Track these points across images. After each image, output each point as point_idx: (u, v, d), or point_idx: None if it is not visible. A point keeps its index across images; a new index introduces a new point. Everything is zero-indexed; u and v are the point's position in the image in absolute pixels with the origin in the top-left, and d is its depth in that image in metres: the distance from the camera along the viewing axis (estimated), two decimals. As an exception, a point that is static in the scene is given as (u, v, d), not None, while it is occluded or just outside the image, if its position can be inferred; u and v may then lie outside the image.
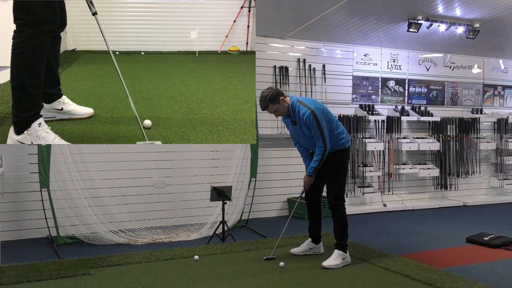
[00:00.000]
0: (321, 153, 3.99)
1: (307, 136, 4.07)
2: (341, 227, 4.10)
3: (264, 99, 3.95)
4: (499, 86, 8.35)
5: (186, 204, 5.73)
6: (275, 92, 3.96)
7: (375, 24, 6.31)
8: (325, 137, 3.95)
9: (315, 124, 3.91)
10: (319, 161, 4.02)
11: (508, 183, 8.00)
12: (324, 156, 4.00)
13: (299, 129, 4.08)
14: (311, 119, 3.90)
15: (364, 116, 6.93)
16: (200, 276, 3.75)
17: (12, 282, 3.51)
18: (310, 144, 4.15)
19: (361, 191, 6.86)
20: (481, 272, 4.05)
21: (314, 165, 4.04)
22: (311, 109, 3.92)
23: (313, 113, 3.91)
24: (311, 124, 3.93)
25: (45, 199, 4.76)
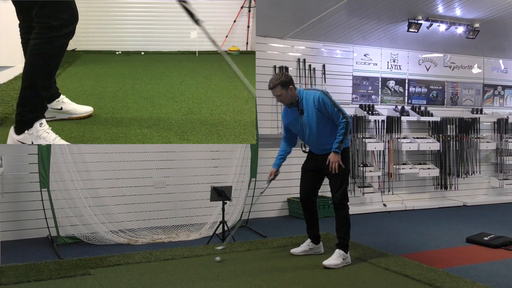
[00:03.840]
0: (344, 127, 3.93)
1: (313, 126, 4.01)
2: (344, 226, 4.08)
3: (275, 80, 3.99)
4: (499, 86, 8.35)
5: (186, 204, 5.73)
6: (288, 78, 4.02)
7: (375, 24, 6.31)
8: (342, 110, 3.94)
9: (329, 102, 3.93)
10: (343, 135, 3.94)
11: (508, 183, 8.00)
12: (348, 129, 3.95)
13: (306, 118, 4.03)
14: (325, 99, 3.94)
15: (364, 116, 6.93)
16: (200, 276, 3.75)
17: (12, 282, 3.51)
18: (312, 137, 4.07)
19: (361, 191, 6.86)
20: (481, 272, 4.05)
21: (338, 139, 3.95)
22: (320, 90, 4.00)
23: (324, 93, 3.98)
24: (325, 103, 3.93)
25: (45, 199, 4.76)
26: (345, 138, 3.96)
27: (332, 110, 3.94)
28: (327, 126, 4.04)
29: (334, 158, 3.99)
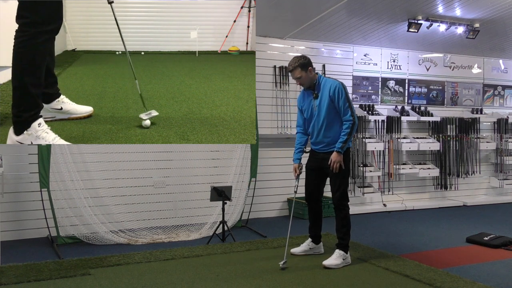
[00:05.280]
0: (349, 126, 3.94)
1: (321, 114, 4.02)
2: (345, 227, 4.08)
3: (295, 62, 4.01)
4: (499, 86, 8.35)
5: (186, 204, 5.73)
6: (307, 60, 4.04)
7: (375, 24, 6.31)
8: (353, 109, 3.95)
9: (344, 95, 3.94)
10: (347, 135, 3.95)
11: (508, 183, 8.00)
12: (353, 130, 3.95)
13: (318, 104, 4.04)
14: (341, 90, 3.96)
15: (364, 116, 6.93)
16: (200, 276, 3.75)
17: (12, 282, 3.51)
18: (317, 125, 4.08)
19: (361, 191, 6.86)
20: (481, 272, 4.05)
21: (342, 139, 3.95)
22: (340, 82, 4.01)
23: (343, 85, 4.00)
24: (339, 94, 3.94)
25: (45, 199, 4.76)
26: (349, 139, 3.97)
27: (343, 104, 3.95)
28: (335, 120, 4.04)
29: (336, 158, 3.98)
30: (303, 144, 4.32)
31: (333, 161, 3.99)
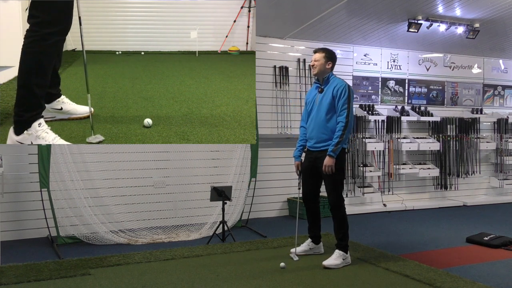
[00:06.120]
0: (341, 128, 3.96)
1: (321, 109, 4.08)
2: (343, 228, 4.09)
3: (325, 48, 4.23)
4: (499, 86, 8.35)
5: (186, 204, 5.73)
6: (334, 56, 4.21)
7: (375, 24, 6.31)
8: (350, 113, 3.99)
9: (346, 96, 3.99)
10: (339, 138, 3.95)
11: (508, 183, 8.00)
12: (345, 132, 3.96)
13: (321, 98, 4.11)
14: (345, 91, 4.01)
15: (364, 116, 6.93)
16: (200, 276, 3.75)
17: (12, 282, 3.51)
18: (315, 118, 4.13)
19: (361, 191, 6.86)
20: (481, 272, 4.05)
21: (334, 142, 3.96)
22: (348, 85, 4.10)
23: (349, 87, 4.07)
24: (342, 94, 4.00)
25: (45, 199, 4.76)
26: (341, 141, 3.97)
27: (342, 104, 4.00)
28: (333, 118, 4.07)
29: (327, 162, 4.00)
30: (306, 140, 4.32)
31: (325, 165, 4.01)
